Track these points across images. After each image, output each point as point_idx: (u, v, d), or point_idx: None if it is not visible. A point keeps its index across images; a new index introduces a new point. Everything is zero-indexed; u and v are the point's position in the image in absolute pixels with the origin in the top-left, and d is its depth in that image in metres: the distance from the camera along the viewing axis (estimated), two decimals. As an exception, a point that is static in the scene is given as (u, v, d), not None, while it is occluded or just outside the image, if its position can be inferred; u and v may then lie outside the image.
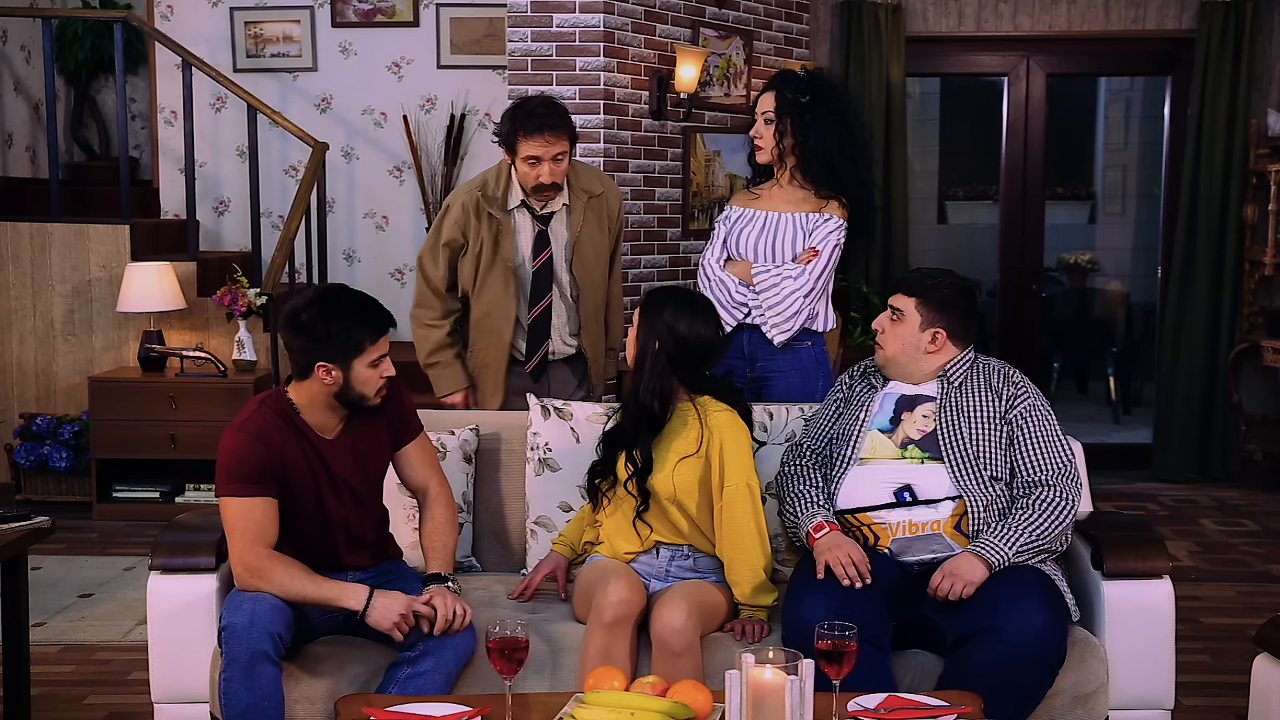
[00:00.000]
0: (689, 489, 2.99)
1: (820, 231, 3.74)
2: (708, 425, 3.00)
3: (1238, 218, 6.49)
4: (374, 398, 2.88)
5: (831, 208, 3.77)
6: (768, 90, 3.83)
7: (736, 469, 2.97)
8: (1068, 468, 2.99)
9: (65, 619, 4.42)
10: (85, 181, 6.98)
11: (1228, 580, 4.95)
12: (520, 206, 3.82)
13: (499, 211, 3.78)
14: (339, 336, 2.79)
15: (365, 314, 2.84)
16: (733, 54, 6.03)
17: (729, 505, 2.96)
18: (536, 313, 3.85)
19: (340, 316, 2.81)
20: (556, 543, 3.23)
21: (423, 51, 6.80)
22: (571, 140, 3.71)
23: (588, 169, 3.99)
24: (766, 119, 3.80)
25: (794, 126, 3.76)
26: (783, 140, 3.78)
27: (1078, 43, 6.80)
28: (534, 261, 3.82)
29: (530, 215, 3.82)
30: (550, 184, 3.70)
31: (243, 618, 2.68)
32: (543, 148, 3.63)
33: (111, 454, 5.75)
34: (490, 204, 3.78)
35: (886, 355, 3.13)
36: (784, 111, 3.76)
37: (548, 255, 3.82)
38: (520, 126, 3.63)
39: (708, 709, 2.36)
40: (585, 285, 3.88)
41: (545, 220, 3.83)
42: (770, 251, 3.78)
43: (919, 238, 7.54)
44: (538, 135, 3.62)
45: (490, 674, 2.77)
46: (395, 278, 6.94)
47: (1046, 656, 2.75)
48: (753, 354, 3.83)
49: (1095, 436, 7.39)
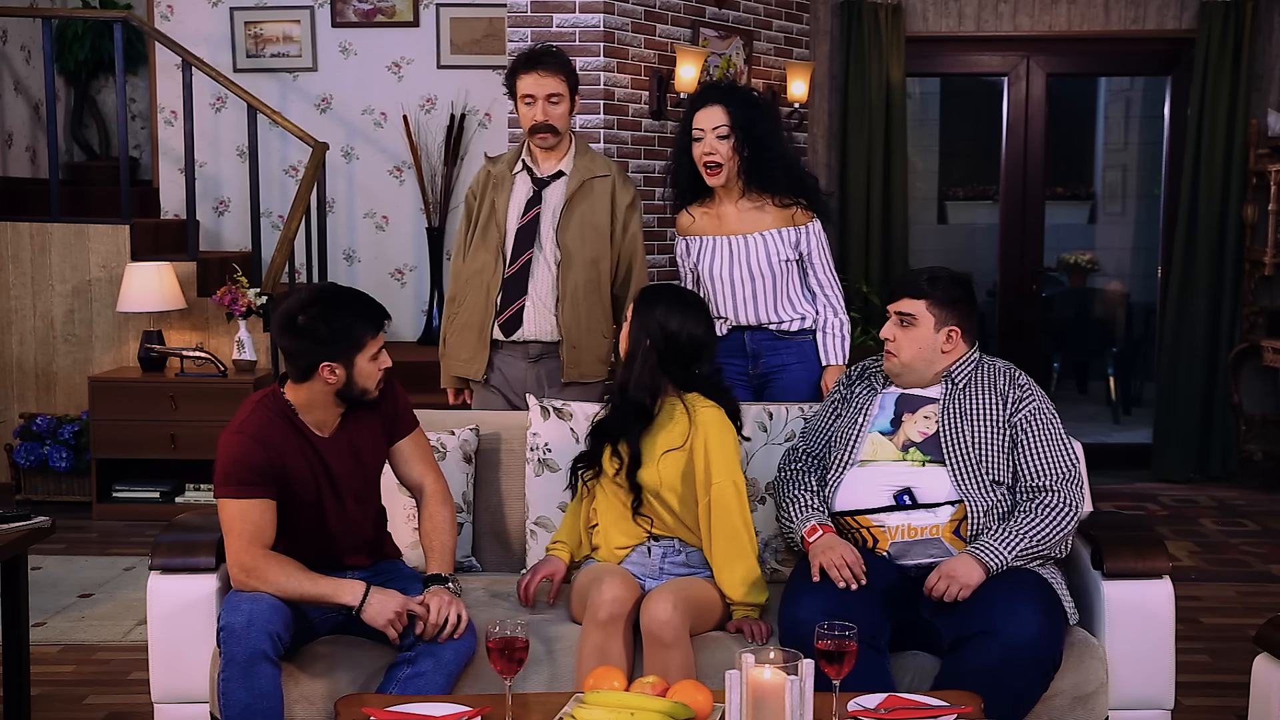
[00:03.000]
0: (672, 483, 3.00)
1: (808, 245, 3.77)
2: (695, 421, 3.00)
3: (1238, 218, 6.49)
4: (374, 390, 2.90)
5: (799, 217, 3.76)
6: (709, 105, 3.70)
7: (722, 467, 2.97)
8: (1072, 473, 2.98)
9: (65, 619, 4.42)
10: (85, 181, 6.99)
11: (1228, 580, 4.95)
12: (522, 170, 3.90)
13: (500, 172, 3.91)
14: (341, 334, 2.80)
15: (363, 309, 2.86)
16: (733, 54, 6.03)
17: (717, 504, 2.96)
18: (515, 269, 3.85)
19: (340, 314, 2.81)
20: (553, 548, 3.20)
21: (423, 51, 6.80)
22: (570, 84, 3.83)
23: (602, 157, 4.03)
24: (720, 134, 3.67)
25: (749, 136, 3.68)
26: (741, 153, 3.69)
27: (1078, 43, 6.80)
28: (521, 218, 3.86)
29: (530, 179, 3.89)
30: (545, 124, 3.79)
31: (241, 618, 2.67)
32: (536, 85, 3.78)
33: (111, 454, 5.75)
34: (494, 164, 3.95)
35: (902, 362, 3.07)
36: (738, 123, 3.66)
37: (534, 214, 3.86)
38: (518, 66, 3.83)
39: (708, 709, 2.36)
40: (572, 256, 3.84)
41: (542, 184, 3.88)
42: (747, 277, 3.76)
43: (919, 238, 7.54)
44: (532, 71, 3.78)
45: (490, 674, 2.77)
46: (395, 278, 6.94)
47: (1042, 660, 2.75)
48: (756, 351, 3.83)
49: (1095, 436, 7.39)
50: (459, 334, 3.94)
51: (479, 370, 3.90)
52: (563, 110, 3.81)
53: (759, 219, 3.76)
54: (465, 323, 3.92)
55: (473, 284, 3.90)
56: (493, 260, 3.87)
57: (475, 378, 3.92)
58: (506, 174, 3.90)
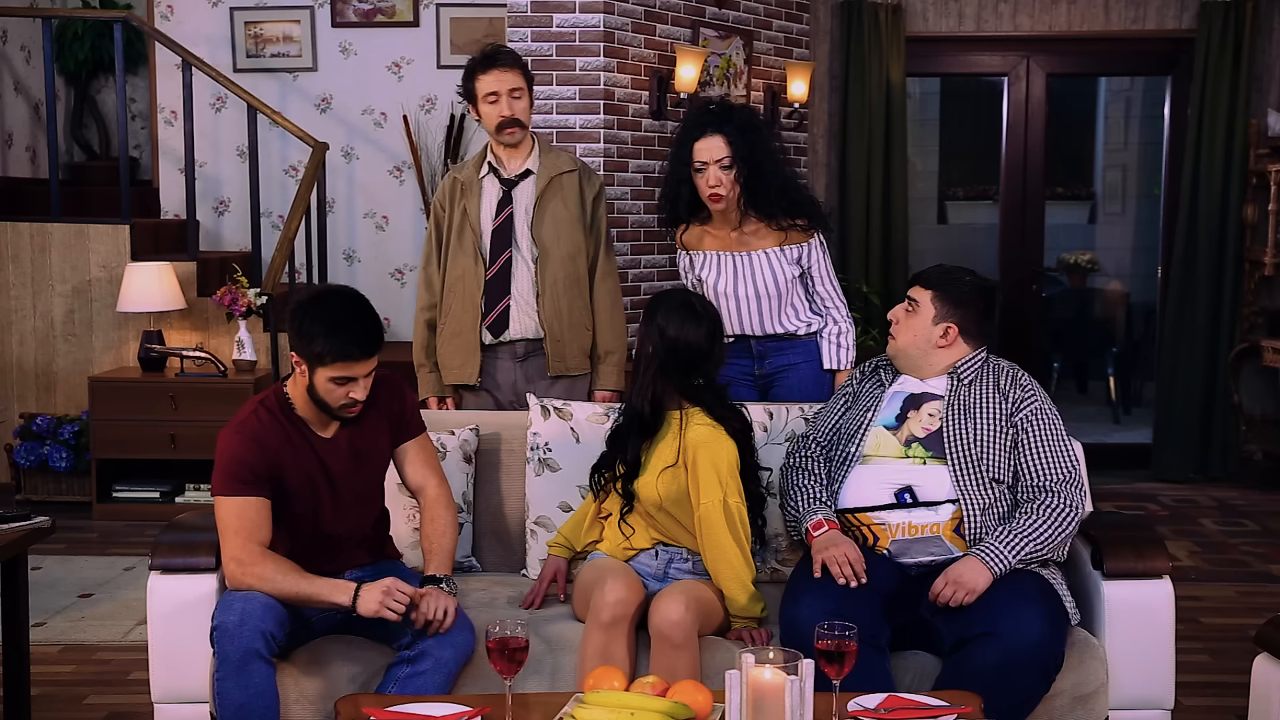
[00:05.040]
0: (675, 498, 2.99)
1: (809, 260, 3.78)
2: (684, 438, 2.98)
3: (1238, 218, 6.49)
4: (338, 411, 2.85)
5: (804, 236, 3.76)
6: (709, 134, 3.63)
7: (707, 488, 2.93)
8: (1073, 474, 2.99)
9: (65, 619, 4.42)
10: (85, 181, 6.99)
11: (1228, 580, 4.95)
12: (489, 173, 3.92)
13: (467, 179, 3.94)
14: (305, 338, 2.78)
15: (336, 331, 2.76)
16: (733, 54, 6.03)
17: (704, 524, 2.95)
18: (495, 270, 3.87)
19: (315, 322, 2.78)
20: (553, 546, 3.21)
21: (423, 51, 6.79)
22: (528, 79, 3.89)
23: (564, 153, 4.05)
24: (723, 165, 3.62)
25: (748, 164, 3.65)
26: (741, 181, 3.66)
27: (1078, 43, 6.79)
28: (495, 219, 3.89)
29: (497, 181, 3.92)
30: (512, 119, 3.84)
31: (234, 616, 2.67)
32: (498, 81, 3.82)
33: (111, 454, 5.75)
34: (460, 172, 3.97)
35: (898, 346, 3.14)
36: (738, 153, 3.62)
37: (507, 214, 3.89)
38: (475, 67, 3.87)
39: (708, 709, 2.36)
40: (548, 250, 3.87)
41: (510, 185, 3.91)
42: (752, 294, 3.76)
43: (919, 238, 7.54)
44: (491, 70, 3.83)
45: (490, 674, 2.77)
46: (395, 278, 6.94)
47: (1043, 661, 2.75)
48: (762, 352, 3.84)
49: (1095, 436, 7.39)
50: (449, 342, 3.94)
51: (472, 375, 3.91)
52: (524, 104, 3.87)
53: (765, 237, 3.77)
54: (454, 330, 3.92)
55: (455, 291, 3.91)
56: (472, 264, 3.89)
57: (470, 383, 3.92)
58: (474, 179, 3.92)
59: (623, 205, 5.57)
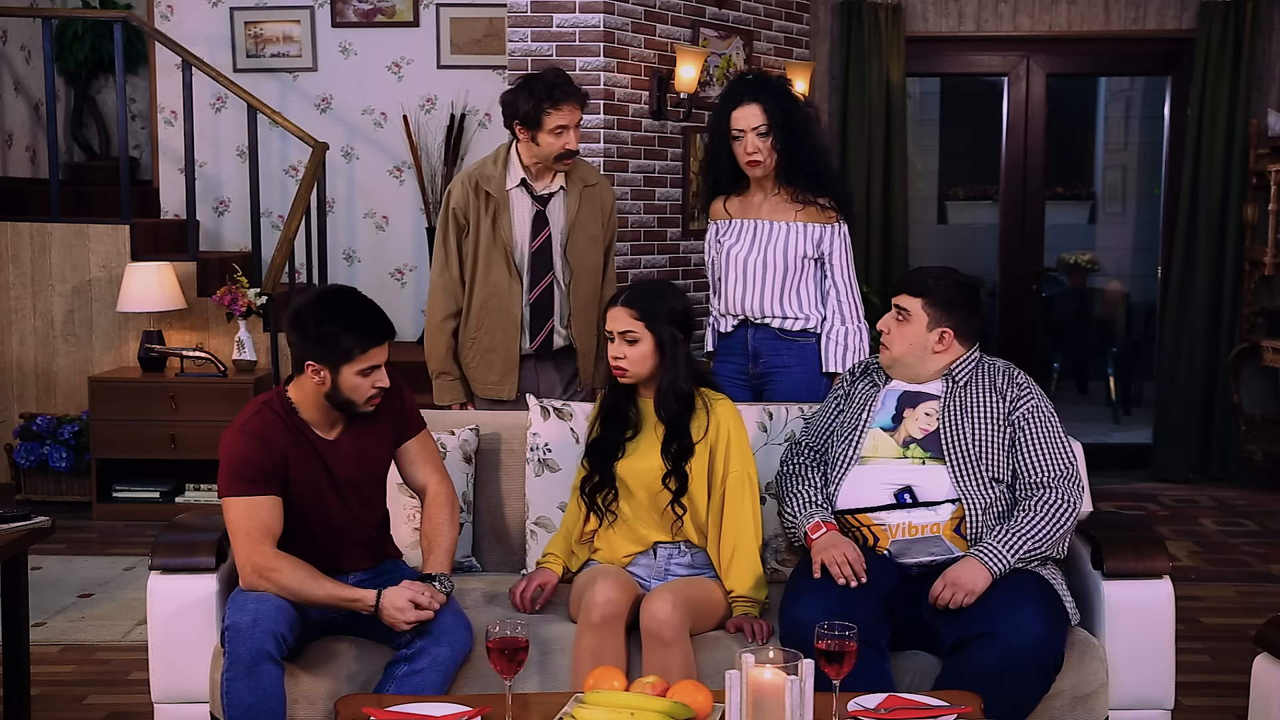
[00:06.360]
0: (694, 476, 3.02)
1: (830, 245, 3.77)
2: (714, 413, 3.03)
3: (1238, 218, 6.49)
4: (363, 405, 2.86)
5: (828, 216, 3.77)
6: (745, 103, 3.70)
7: (739, 458, 3.01)
8: (1070, 470, 2.98)
9: (65, 619, 4.42)
10: (85, 181, 6.99)
11: (1228, 580, 4.95)
12: (519, 186, 3.87)
13: (496, 191, 3.86)
14: (328, 340, 2.77)
15: (359, 322, 2.80)
16: (733, 54, 6.03)
17: (732, 493, 2.99)
18: (538, 293, 3.89)
19: (332, 321, 2.78)
20: (545, 561, 3.17)
21: (423, 51, 6.80)
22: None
23: (584, 162, 4.05)
24: (760, 133, 3.69)
25: (785, 132, 3.69)
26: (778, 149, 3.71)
27: (1078, 43, 6.79)
28: (532, 242, 3.86)
29: (529, 196, 3.87)
30: (575, 150, 3.82)
31: (247, 617, 2.67)
32: (570, 115, 3.78)
33: (111, 454, 5.75)
34: (488, 183, 3.88)
35: (894, 356, 3.11)
36: (775, 121, 3.68)
37: (545, 236, 3.87)
38: (547, 98, 3.76)
39: (708, 709, 2.36)
40: (578, 271, 3.91)
41: (543, 202, 3.88)
42: (761, 265, 3.76)
43: (919, 238, 7.54)
44: (566, 104, 3.77)
45: (490, 674, 2.77)
46: (395, 278, 6.94)
47: (1043, 662, 2.75)
48: (757, 350, 3.83)
49: (1095, 436, 7.39)
50: (482, 357, 3.94)
51: (511, 391, 3.93)
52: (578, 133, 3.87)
53: (788, 209, 3.78)
54: (488, 346, 3.93)
55: (489, 307, 3.90)
56: (506, 281, 3.86)
57: (508, 398, 3.93)
58: (503, 193, 3.86)
59: (623, 205, 5.57)
